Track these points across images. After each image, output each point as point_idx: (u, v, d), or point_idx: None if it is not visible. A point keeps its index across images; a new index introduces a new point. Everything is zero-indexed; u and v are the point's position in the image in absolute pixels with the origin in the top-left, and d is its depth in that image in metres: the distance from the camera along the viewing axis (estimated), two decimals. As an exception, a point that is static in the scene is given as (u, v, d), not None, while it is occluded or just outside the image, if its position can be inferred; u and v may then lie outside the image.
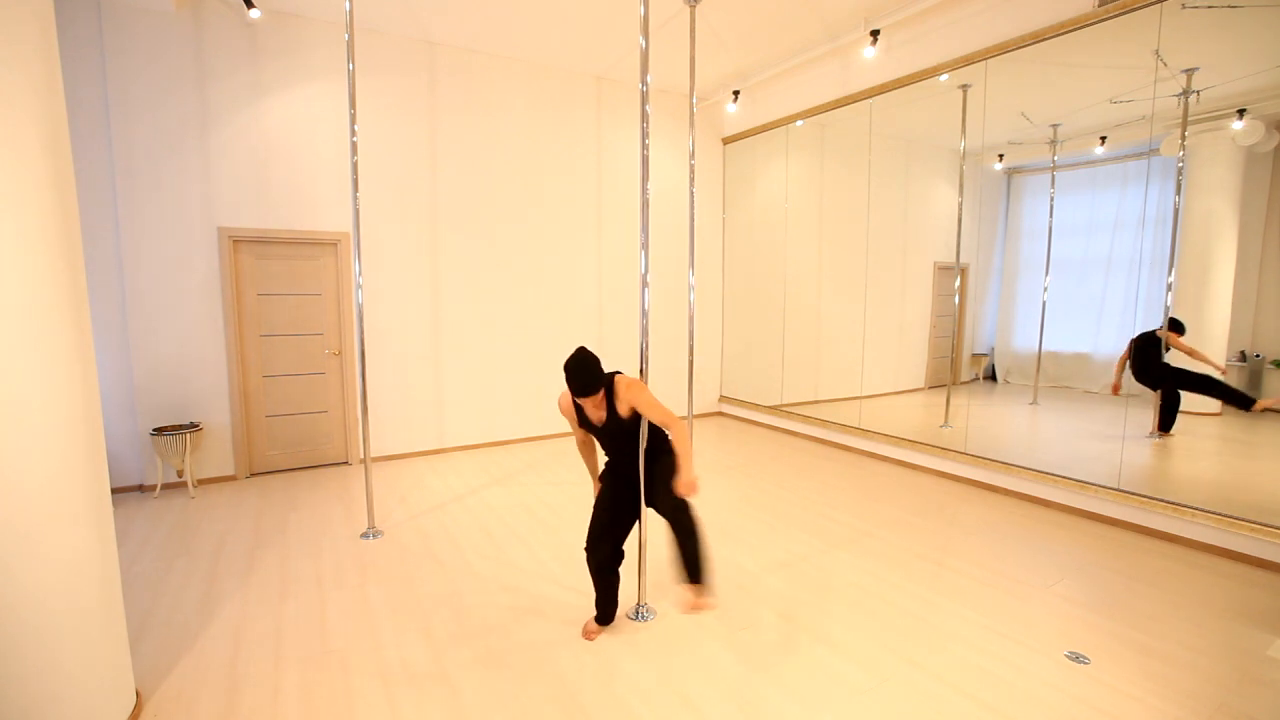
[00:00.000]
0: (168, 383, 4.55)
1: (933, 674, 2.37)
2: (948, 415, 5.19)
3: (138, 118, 4.31)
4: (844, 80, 5.50)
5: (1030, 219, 5.01)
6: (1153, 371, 4.00)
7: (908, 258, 5.74)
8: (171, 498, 4.39)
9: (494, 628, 2.71)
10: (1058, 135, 4.61)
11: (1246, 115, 3.62)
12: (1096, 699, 2.22)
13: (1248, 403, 3.75)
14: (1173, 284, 3.87)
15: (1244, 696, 2.24)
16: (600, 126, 6.19)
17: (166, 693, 2.27)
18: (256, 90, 4.66)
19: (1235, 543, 3.36)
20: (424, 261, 5.39)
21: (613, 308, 6.44)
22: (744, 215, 6.97)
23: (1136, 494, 3.72)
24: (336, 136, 4.91)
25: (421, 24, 4.94)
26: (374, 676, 2.37)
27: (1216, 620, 2.76)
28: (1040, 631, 2.66)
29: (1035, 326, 4.89)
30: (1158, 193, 3.97)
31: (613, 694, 2.27)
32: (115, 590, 2.08)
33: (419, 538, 3.69)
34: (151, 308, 4.47)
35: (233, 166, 4.63)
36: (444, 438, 5.64)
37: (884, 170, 5.55)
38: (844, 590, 3.02)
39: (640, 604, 2.81)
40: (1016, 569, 3.25)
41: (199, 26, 4.45)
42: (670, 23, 4.78)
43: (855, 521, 3.92)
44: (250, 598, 2.97)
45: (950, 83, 4.71)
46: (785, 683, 2.33)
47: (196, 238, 4.56)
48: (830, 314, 6.16)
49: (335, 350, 5.15)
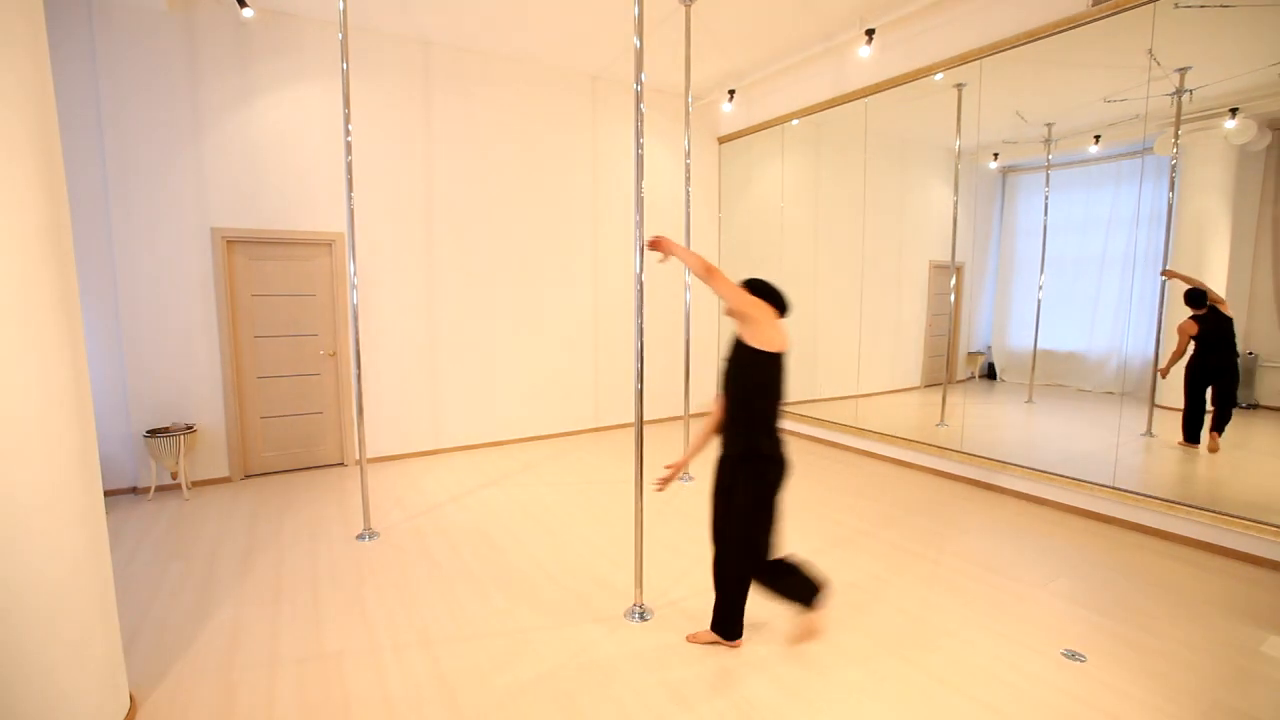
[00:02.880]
0: (161, 384, 4.53)
1: (929, 672, 2.37)
2: (944, 414, 5.20)
3: (130, 117, 4.28)
4: (839, 79, 5.51)
5: (1025, 217, 5.02)
6: (1225, 362, 3.56)
7: (903, 256, 5.75)
8: (165, 500, 4.37)
9: (491, 629, 2.70)
10: (1052, 134, 4.63)
11: (1239, 114, 3.64)
12: (1093, 696, 2.23)
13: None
14: (1166, 282, 3.89)
15: (1239, 693, 2.25)
16: (595, 126, 6.18)
17: (161, 696, 2.26)
18: (250, 90, 4.64)
19: (1230, 540, 3.38)
20: (419, 261, 5.37)
21: (608, 307, 6.43)
22: (739, 214, 6.97)
23: (1132, 492, 3.73)
24: (330, 136, 4.89)
25: (416, 23, 4.93)
26: (370, 679, 2.36)
27: (1212, 617, 2.77)
28: (1036, 629, 2.66)
29: (1030, 325, 4.91)
30: (1151, 191, 3.99)
31: (610, 694, 2.26)
32: (109, 593, 2.06)
33: (415, 539, 3.67)
34: (145, 309, 4.44)
35: (226, 166, 4.60)
36: (440, 438, 5.62)
37: (879, 169, 5.56)
38: (841, 589, 3.02)
39: (637, 604, 2.81)
40: (1012, 567, 3.26)
41: (192, 26, 4.42)
42: (665, 22, 4.77)
43: (852, 520, 3.93)
44: (245, 600, 2.96)
45: (945, 82, 4.72)
46: (783, 682, 2.32)
47: (190, 238, 4.53)
48: (826, 313, 6.16)
49: (330, 351, 5.13)
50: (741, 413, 2.28)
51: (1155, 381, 3.98)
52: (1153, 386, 4.00)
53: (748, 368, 2.24)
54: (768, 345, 2.21)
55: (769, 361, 2.23)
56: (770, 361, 2.23)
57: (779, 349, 2.24)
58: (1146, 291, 4.01)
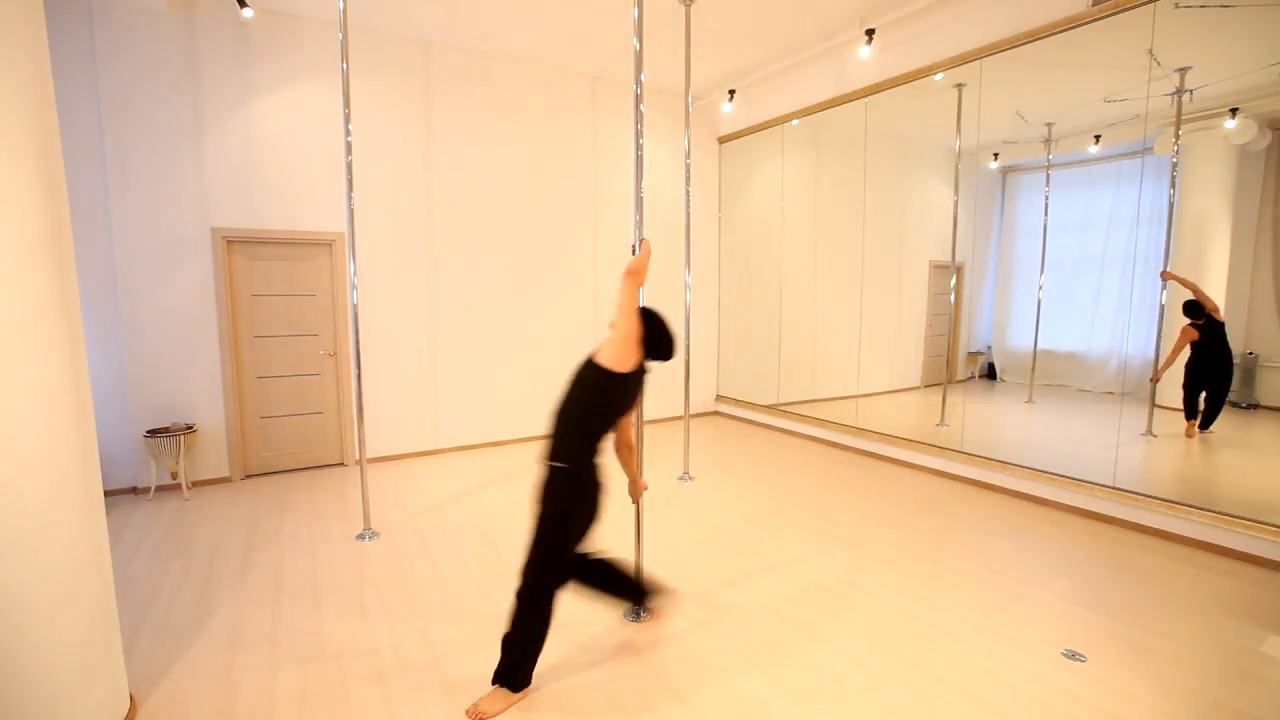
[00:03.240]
0: (161, 384, 4.53)
1: (929, 672, 2.37)
2: (944, 414, 5.20)
3: (130, 117, 4.28)
4: (839, 79, 5.51)
5: (1025, 217, 5.02)
6: (1220, 365, 3.79)
7: (903, 256, 5.75)
8: (166, 500, 4.37)
9: (491, 630, 2.70)
10: (1052, 134, 4.63)
11: (1239, 114, 3.64)
12: (1093, 696, 2.23)
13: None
14: (1166, 283, 3.89)
15: (1239, 693, 2.25)
16: (596, 126, 6.18)
17: (161, 696, 2.26)
18: (250, 90, 4.64)
19: (1230, 540, 3.38)
20: (419, 261, 5.37)
21: (608, 306, 6.43)
22: (740, 214, 6.97)
23: (1132, 492, 3.73)
24: (330, 136, 4.89)
25: (416, 23, 4.93)
26: (371, 679, 2.36)
27: (1212, 617, 2.77)
28: (1037, 629, 2.66)
29: (1030, 325, 4.91)
30: (1151, 191, 3.99)
31: (610, 694, 2.26)
32: (109, 593, 2.06)
33: (415, 539, 3.67)
34: (145, 309, 4.44)
35: (226, 167, 4.60)
36: (440, 438, 5.62)
37: (879, 169, 5.56)
38: (841, 589, 3.02)
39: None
40: (1013, 567, 3.26)
41: (192, 26, 4.42)
42: (665, 22, 4.77)
43: (852, 520, 3.93)
44: (246, 600, 2.95)
45: (945, 82, 4.72)
46: (783, 682, 2.32)
47: (190, 238, 4.53)
48: (826, 313, 6.16)
49: (330, 351, 5.13)
50: (574, 430, 2.19)
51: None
52: (1153, 387, 4.01)
53: (595, 387, 2.19)
54: (617, 365, 2.17)
55: (617, 383, 2.19)
56: (618, 383, 2.19)
57: (628, 369, 2.20)
58: (1146, 292, 4.01)
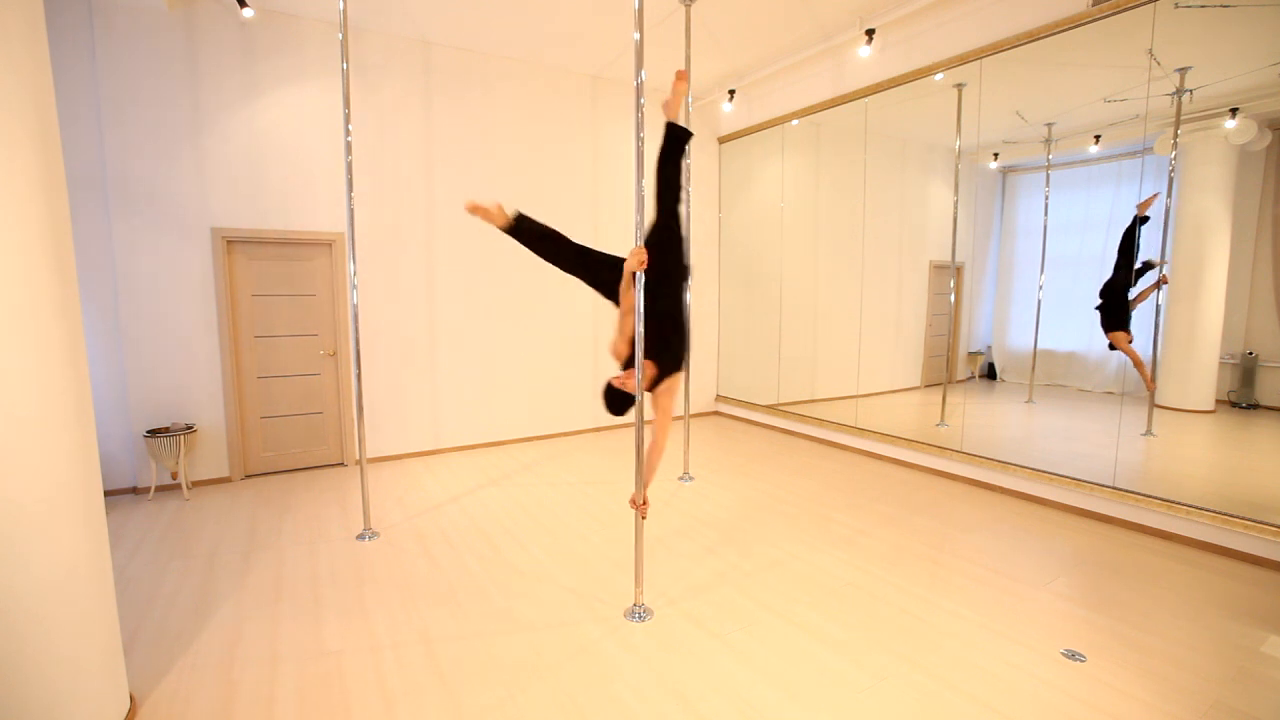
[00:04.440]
0: (161, 384, 4.53)
1: (930, 672, 2.37)
2: (944, 414, 5.20)
3: (130, 118, 4.28)
4: (839, 79, 5.51)
5: (1025, 217, 5.02)
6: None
7: (903, 256, 5.75)
8: (166, 500, 4.37)
9: (491, 629, 2.70)
10: (1052, 134, 4.63)
11: (1239, 114, 3.64)
12: (1093, 696, 2.23)
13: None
14: (1166, 284, 3.89)
15: (1239, 693, 2.25)
16: (596, 126, 6.18)
17: (161, 696, 2.26)
18: (250, 90, 4.64)
19: (1230, 540, 3.38)
20: (419, 261, 5.37)
21: (608, 306, 6.41)
22: (740, 214, 6.97)
23: (1132, 492, 3.73)
24: (331, 136, 4.89)
25: (416, 23, 4.93)
26: (370, 679, 2.36)
27: (1212, 617, 2.77)
28: (1037, 629, 2.66)
29: (1030, 325, 4.91)
30: (1151, 191, 3.99)
31: (610, 694, 2.26)
32: (109, 593, 2.06)
33: (415, 539, 3.67)
34: (145, 309, 4.44)
35: (226, 167, 4.60)
36: (440, 438, 5.62)
37: (879, 169, 5.56)
38: (841, 589, 3.02)
39: (637, 604, 2.81)
40: (1013, 567, 3.26)
41: (192, 26, 4.42)
42: (666, 21, 4.77)
43: (852, 520, 3.93)
44: (246, 600, 2.96)
45: (945, 82, 4.72)
46: (783, 682, 2.32)
47: (190, 238, 4.53)
48: (826, 313, 6.16)
49: (330, 351, 5.13)
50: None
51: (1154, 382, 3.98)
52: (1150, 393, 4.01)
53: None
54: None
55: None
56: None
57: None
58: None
